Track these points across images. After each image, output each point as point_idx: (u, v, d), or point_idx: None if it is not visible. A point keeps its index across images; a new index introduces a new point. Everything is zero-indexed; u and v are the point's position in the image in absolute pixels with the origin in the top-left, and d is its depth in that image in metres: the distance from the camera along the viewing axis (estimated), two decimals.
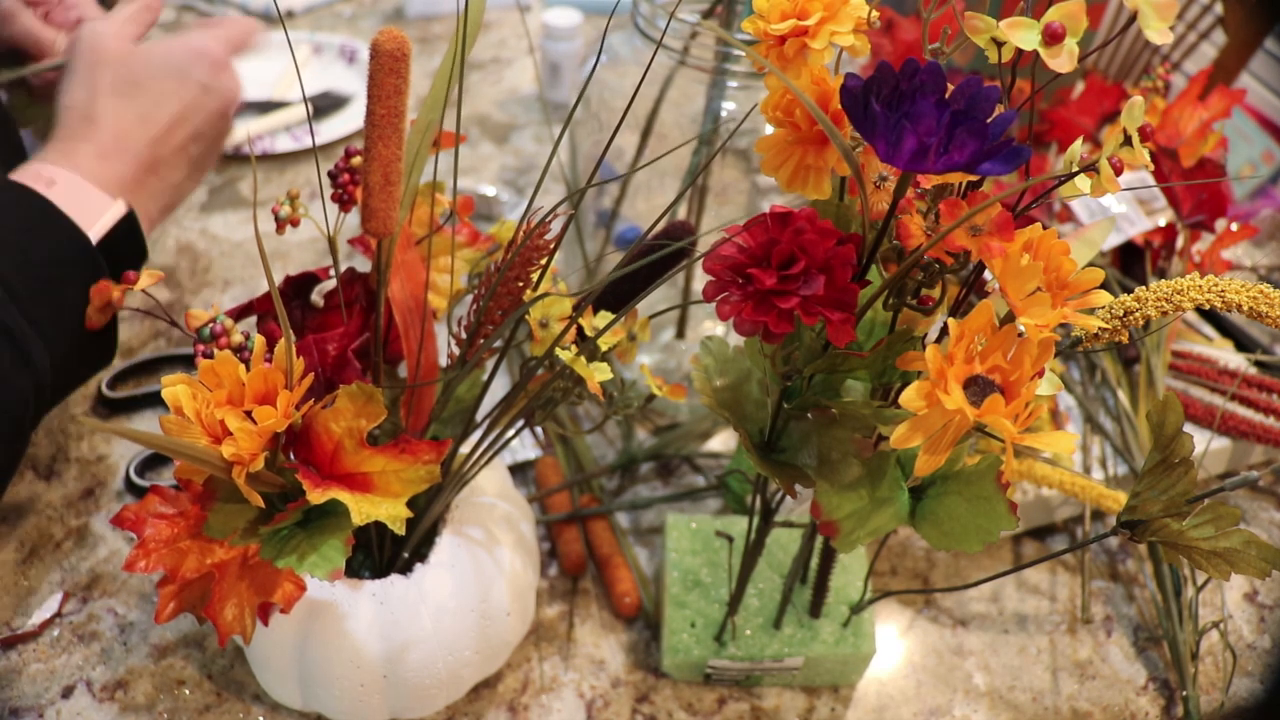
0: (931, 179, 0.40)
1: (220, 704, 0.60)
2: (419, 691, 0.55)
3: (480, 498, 0.59)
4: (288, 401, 0.43)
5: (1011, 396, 0.35)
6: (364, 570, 0.58)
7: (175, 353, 0.84)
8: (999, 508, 0.42)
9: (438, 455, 0.48)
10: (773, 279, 0.37)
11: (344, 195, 0.53)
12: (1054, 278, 0.37)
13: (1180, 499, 0.40)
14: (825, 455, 0.45)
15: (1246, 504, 0.79)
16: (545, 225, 0.44)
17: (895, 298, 0.41)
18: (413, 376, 0.53)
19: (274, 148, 1.08)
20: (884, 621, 0.69)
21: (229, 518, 0.47)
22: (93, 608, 0.65)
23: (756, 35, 0.40)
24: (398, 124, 0.45)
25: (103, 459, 0.75)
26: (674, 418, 0.82)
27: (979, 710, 0.64)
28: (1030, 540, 0.75)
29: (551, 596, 0.68)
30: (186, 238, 0.97)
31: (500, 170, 1.11)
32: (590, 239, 0.85)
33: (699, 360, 0.49)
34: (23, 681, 0.60)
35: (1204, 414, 0.79)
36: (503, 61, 1.32)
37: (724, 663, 0.60)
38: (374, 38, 0.44)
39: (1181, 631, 0.66)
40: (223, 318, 0.47)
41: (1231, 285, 0.47)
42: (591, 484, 0.75)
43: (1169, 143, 0.88)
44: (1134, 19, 0.36)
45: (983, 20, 0.36)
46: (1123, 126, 0.36)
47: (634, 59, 0.74)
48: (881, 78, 0.35)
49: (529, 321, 0.50)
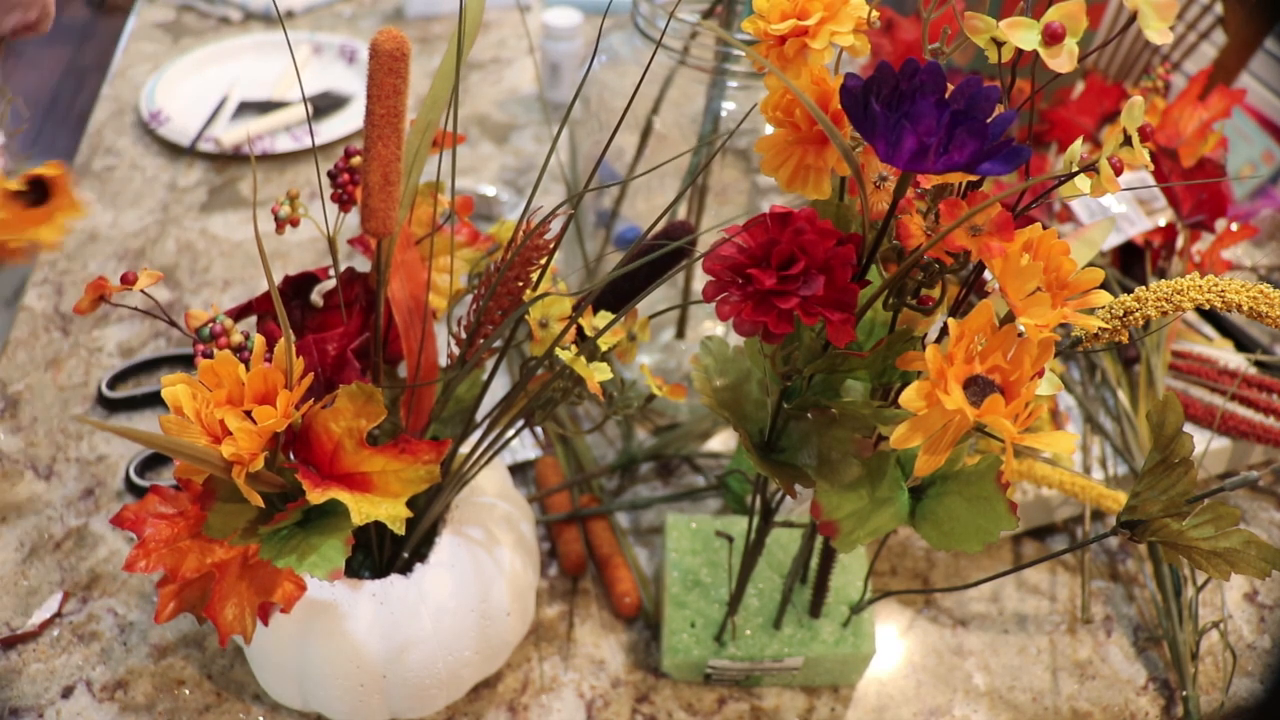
0: (931, 179, 0.40)
1: (220, 704, 0.60)
2: (419, 691, 0.55)
3: (480, 498, 0.59)
4: (287, 401, 0.43)
5: (1011, 396, 0.35)
6: (364, 570, 0.58)
7: (175, 353, 0.84)
8: (999, 508, 0.42)
9: (438, 455, 0.48)
10: (772, 279, 0.37)
11: (344, 195, 0.53)
12: (1054, 278, 0.37)
13: (1180, 499, 0.40)
14: (825, 455, 0.45)
15: (1246, 504, 0.79)
16: (545, 225, 0.44)
17: (895, 298, 0.41)
18: (413, 376, 0.53)
19: (274, 148, 1.08)
20: (884, 621, 0.69)
21: (229, 518, 0.47)
22: (93, 608, 0.65)
23: (756, 35, 0.40)
24: (397, 124, 0.45)
25: (103, 459, 0.75)
26: (674, 418, 0.82)
27: (979, 710, 0.64)
28: (1030, 540, 0.75)
29: (551, 596, 0.68)
30: (186, 238, 0.97)
31: (500, 170, 1.11)
32: (590, 239, 0.85)
33: (699, 360, 0.49)
34: (23, 681, 0.60)
35: (1204, 414, 0.79)
36: (503, 61, 1.32)
37: (724, 663, 0.60)
38: (374, 38, 0.44)
39: (1181, 631, 0.66)
40: (222, 318, 0.47)
41: (1231, 285, 0.47)
42: (591, 484, 0.75)
43: (1169, 143, 0.88)
44: (1134, 19, 0.36)
45: (983, 20, 0.36)
46: (1123, 126, 0.36)
47: (634, 59, 0.74)
48: (881, 78, 0.35)
49: (529, 321, 0.50)
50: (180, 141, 1.08)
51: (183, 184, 1.04)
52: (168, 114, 1.11)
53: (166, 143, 1.09)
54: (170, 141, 1.09)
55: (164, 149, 1.09)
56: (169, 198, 1.02)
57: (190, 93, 1.16)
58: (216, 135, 1.07)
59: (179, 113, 1.12)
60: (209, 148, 1.07)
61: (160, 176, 1.05)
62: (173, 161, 1.07)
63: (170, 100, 1.14)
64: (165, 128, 1.09)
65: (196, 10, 1.34)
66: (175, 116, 1.11)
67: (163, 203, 1.02)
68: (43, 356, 0.83)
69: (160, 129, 1.09)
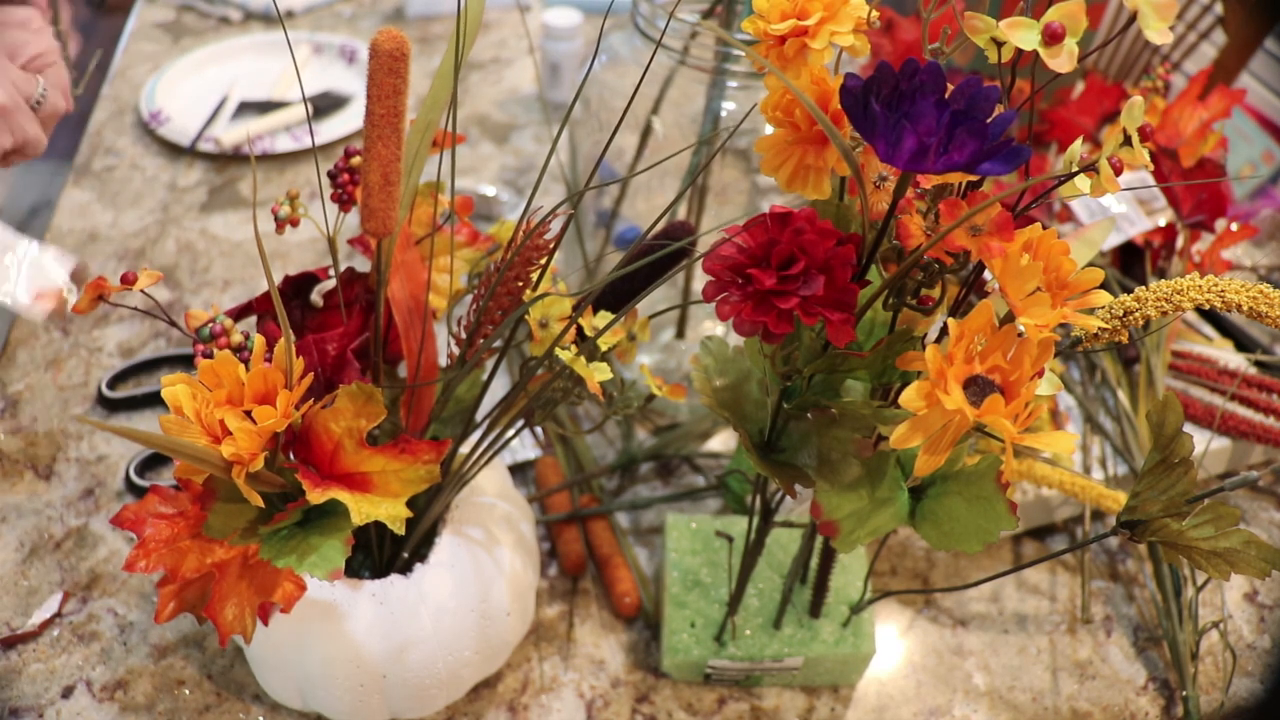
0: (931, 179, 0.40)
1: (220, 704, 0.60)
2: (419, 691, 0.55)
3: (480, 498, 0.59)
4: (287, 401, 0.43)
5: (1011, 396, 0.35)
6: (364, 570, 0.58)
7: (175, 353, 0.84)
8: (999, 508, 0.42)
9: (437, 455, 0.48)
10: (772, 279, 0.37)
11: (344, 195, 0.53)
12: (1054, 278, 0.36)
13: (1180, 499, 0.40)
14: (825, 455, 0.45)
15: (1246, 504, 0.78)
16: (545, 225, 0.44)
17: (895, 298, 0.41)
18: (413, 376, 0.53)
19: (274, 148, 1.08)
20: (884, 621, 0.69)
21: (229, 518, 0.47)
22: (93, 608, 0.65)
23: (756, 35, 0.40)
24: (397, 124, 0.45)
25: (103, 459, 0.75)
26: (674, 418, 0.82)
27: (979, 710, 0.64)
28: (1030, 540, 0.75)
29: (551, 596, 0.68)
30: (186, 238, 0.97)
31: (500, 170, 1.11)
32: (590, 239, 0.85)
33: (699, 360, 0.49)
34: (23, 681, 0.60)
35: (1204, 414, 0.79)
36: (503, 61, 1.32)
37: (724, 663, 0.60)
38: (373, 38, 0.44)
39: (1181, 631, 0.66)
40: (222, 318, 0.47)
41: (1231, 285, 0.47)
42: (591, 484, 0.75)
43: (1169, 143, 0.88)
44: (1134, 19, 0.36)
45: (983, 20, 0.36)
46: (1123, 126, 0.36)
47: (634, 59, 0.74)
48: (881, 78, 0.35)
49: (529, 321, 0.50)
50: (180, 141, 1.08)
51: (183, 184, 1.04)
52: (168, 114, 1.11)
53: (166, 143, 1.09)
54: (170, 141, 1.09)
55: (164, 149, 1.09)
56: (169, 198, 1.02)
57: (190, 93, 1.16)
58: (216, 135, 1.07)
59: (179, 113, 1.12)
60: (209, 148, 1.07)
61: (160, 176, 1.05)
62: (173, 161, 1.07)
63: (170, 100, 1.14)
64: (165, 128, 1.09)
65: (196, 10, 1.34)
66: (175, 116, 1.11)
67: (163, 203, 1.02)
68: (43, 356, 0.83)
69: (160, 129, 1.09)
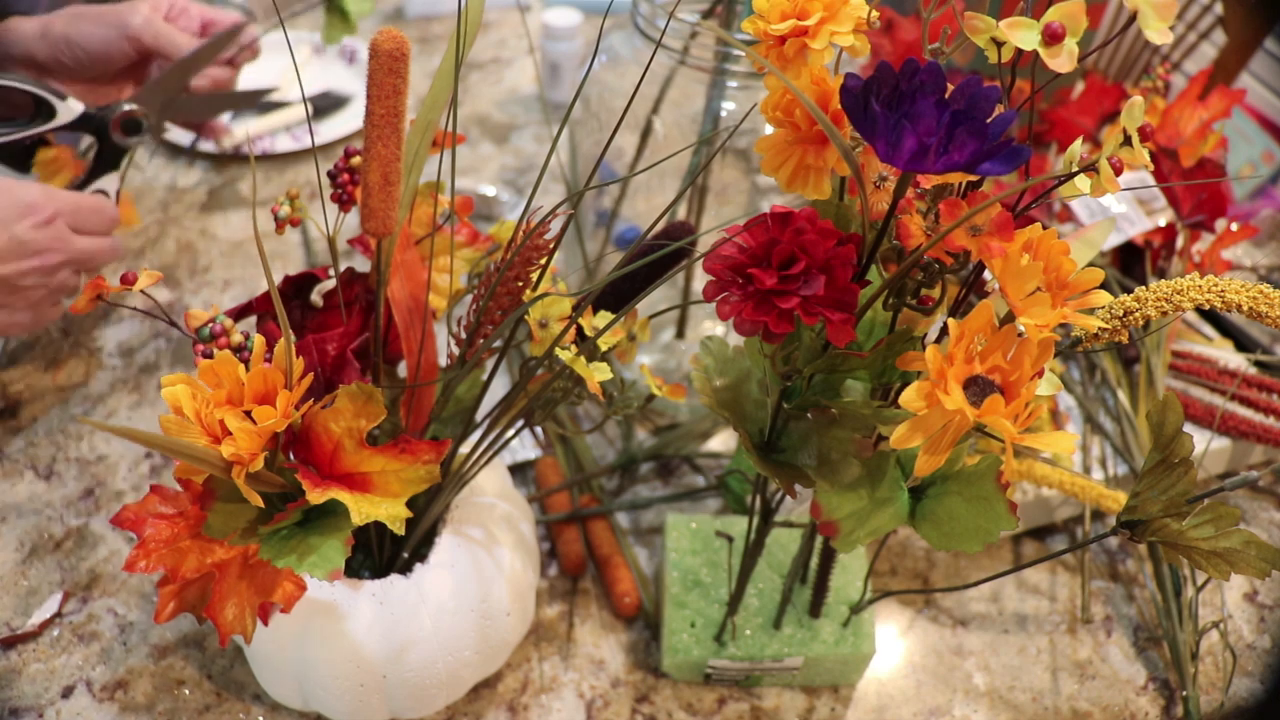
0: (931, 179, 0.40)
1: (220, 704, 0.60)
2: (419, 691, 0.55)
3: (480, 498, 0.59)
4: (287, 401, 0.43)
5: (1011, 396, 0.35)
6: (364, 570, 0.58)
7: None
8: (999, 508, 0.42)
9: (437, 455, 0.48)
10: (773, 279, 0.37)
11: (344, 195, 0.53)
12: (1054, 278, 0.36)
13: (1180, 499, 0.40)
14: (825, 455, 0.45)
15: (1246, 504, 0.79)
16: (545, 225, 0.44)
17: (895, 298, 0.41)
18: (413, 376, 0.53)
19: (274, 148, 1.08)
20: (884, 621, 0.69)
21: (229, 518, 0.47)
22: (93, 608, 0.65)
23: (756, 35, 0.40)
24: (397, 124, 0.45)
25: (103, 459, 0.75)
26: (674, 418, 0.82)
27: (979, 710, 0.64)
28: (1030, 540, 0.75)
29: (551, 596, 0.68)
30: (186, 238, 0.97)
31: (500, 170, 1.11)
32: (590, 239, 0.85)
33: (699, 360, 0.49)
34: (23, 681, 0.60)
35: (1204, 414, 0.79)
36: (503, 61, 1.32)
37: (724, 663, 0.60)
38: (373, 38, 0.44)
39: (1181, 631, 0.66)
40: (222, 318, 0.47)
41: (1231, 285, 0.47)
42: (591, 484, 0.75)
43: (1169, 143, 0.88)
44: (1134, 19, 0.36)
45: (983, 20, 0.36)
46: (1123, 126, 0.36)
47: (634, 59, 0.74)
48: (881, 78, 0.35)
49: (529, 321, 0.50)
50: (180, 141, 1.07)
51: (183, 184, 1.04)
52: None
53: (166, 143, 1.09)
54: (170, 141, 1.09)
55: (164, 149, 1.09)
56: (169, 198, 1.02)
57: None
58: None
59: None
60: (209, 148, 1.07)
61: (160, 176, 1.05)
62: (172, 161, 1.07)
63: None
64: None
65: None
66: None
67: (163, 203, 1.02)
68: (43, 356, 0.83)
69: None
